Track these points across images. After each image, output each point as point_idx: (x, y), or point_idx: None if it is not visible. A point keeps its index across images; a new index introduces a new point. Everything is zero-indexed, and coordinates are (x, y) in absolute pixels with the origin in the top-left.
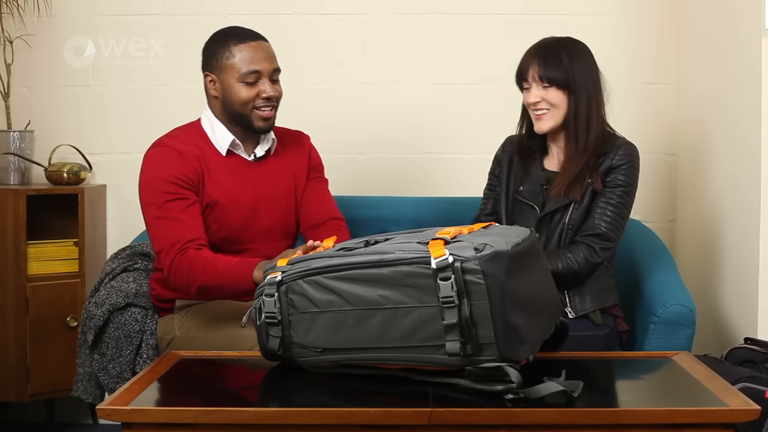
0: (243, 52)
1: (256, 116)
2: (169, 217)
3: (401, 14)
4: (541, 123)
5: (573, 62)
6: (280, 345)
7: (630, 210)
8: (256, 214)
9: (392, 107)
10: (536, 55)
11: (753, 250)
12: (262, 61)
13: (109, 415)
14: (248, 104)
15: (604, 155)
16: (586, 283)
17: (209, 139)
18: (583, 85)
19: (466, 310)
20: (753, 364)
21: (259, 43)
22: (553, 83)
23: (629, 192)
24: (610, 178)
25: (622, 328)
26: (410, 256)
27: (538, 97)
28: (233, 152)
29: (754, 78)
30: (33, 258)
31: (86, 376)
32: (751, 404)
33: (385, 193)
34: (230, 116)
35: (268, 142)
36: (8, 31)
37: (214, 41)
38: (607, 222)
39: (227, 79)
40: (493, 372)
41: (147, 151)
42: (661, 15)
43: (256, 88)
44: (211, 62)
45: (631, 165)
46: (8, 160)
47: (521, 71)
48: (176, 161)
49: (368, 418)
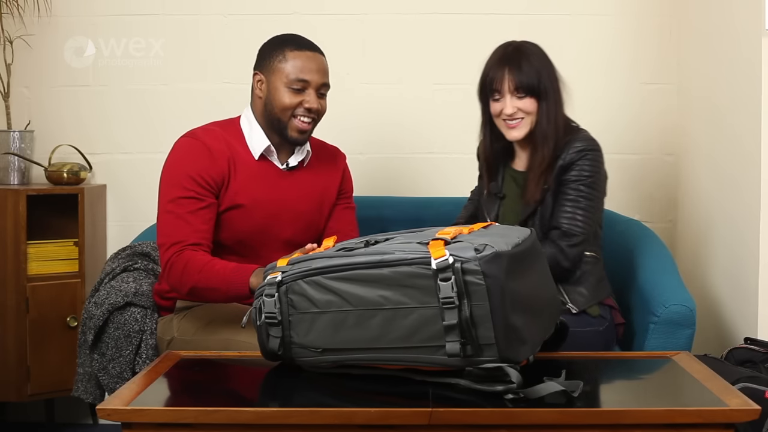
0: (297, 60)
1: (293, 126)
2: (178, 215)
3: (401, 14)
4: (515, 132)
5: (541, 68)
6: (280, 345)
7: (596, 201)
8: (277, 224)
9: (392, 107)
10: (508, 65)
11: (753, 250)
12: (313, 72)
13: (109, 415)
14: (288, 111)
15: (558, 156)
16: (581, 277)
17: (245, 139)
18: (551, 88)
19: (466, 310)
20: (753, 364)
21: (314, 55)
22: (527, 93)
23: (589, 184)
24: (566, 176)
25: (619, 320)
26: (410, 257)
27: (514, 108)
28: (266, 158)
29: (754, 78)
30: (33, 258)
31: (86, 376)
32: (751, 404)
33: (385, 193)
34: (269, 120)
35: (303, 154)
36: (8, 31)
37: (272, 43)
38: (567, 218)
39: (274, 82)
40: (493, 372)
41: (179, 138)
42: (661, 15)
43: (301, 96)
44: (263, 62)
45: (586, 158)
46: (8, 160)
47: (491, 82)
48: (203, 158)
49: (368, 418)
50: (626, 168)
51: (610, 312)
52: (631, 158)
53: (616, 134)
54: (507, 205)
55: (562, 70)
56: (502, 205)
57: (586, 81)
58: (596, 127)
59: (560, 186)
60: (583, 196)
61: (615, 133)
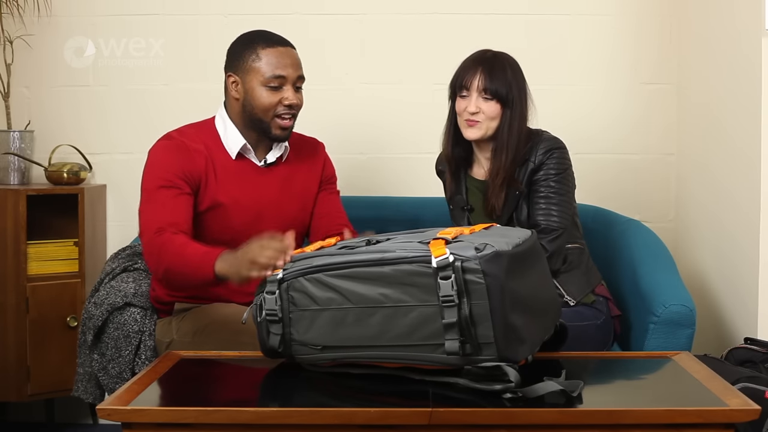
0: (270, 56)
1: (276, 124)
2: (157, 202)
3: (401, 14)
4: (472, 131)
5: (514, 79)
6: (281, 342)
7: (567, 194)
8: (260, 221)
9: (392, 107)
10: (482, 66)
11: (753, 249)
12: (288, 67)
13: (109, 415)
14: (270, 111)
15: (525, 161)
16: (570, 269)
17: (220, 139)
18: (519, 101)
19: (465, 309)
20: (753, 364)
21: (286, 49)
22: (494, 97)
23: (558, 179)
24: (537, 176)
25: (615, 312)
26: (411, 255)
27: (477, 108)
28: (243, 156)
29: (754, 78)
30: (33, 258)
31: (86, 376)
32: (751, 404)
33: (385, 193)
34: (248, 120)
35: (281, 149)
36: (8, 31)
37: (241, 42)
38: (543, 215)
39: (250, 82)
40: (492, 371)
41: (155, 143)
42: (661, 15)
43: (279, 94)
44: (235, 63)
45: (552, 156)
46: (8, 160)
47: (462, 79)
48: (180, 155)
49: (368, 418)
50: (626, 168)
51: (606, 304)
52: (631, 158)
53: (616, 134)
54: (475, 217)
55: (562, 70)
56: (471, 218)
57: (586, 81)
58: (596, 126)
59: (532, 186)
60: (554, 191)
61: (615, 134)
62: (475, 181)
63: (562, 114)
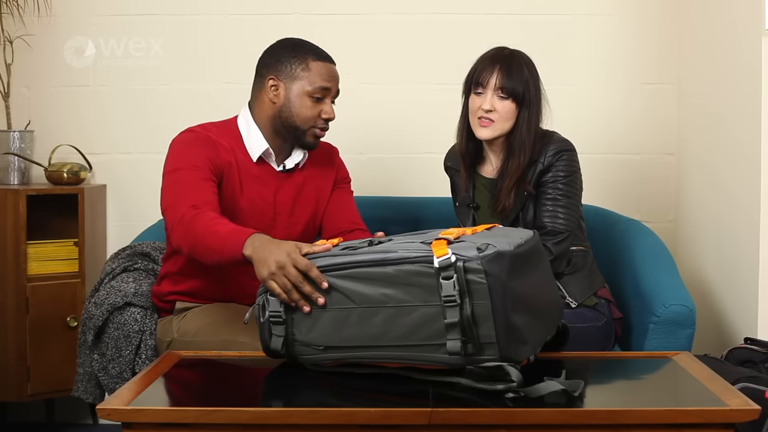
0: (320, 69)
1: (312, 133)
2: (184, 182)
3: (401, 14)
4: (485, 130)
5: (530, 79)
6: (283, 343)
7: (575, 197)
8: (274, 226)
9: (392, 107)
10: (500, 64)
11: (753, 250)
12: (333, 82)
13: (109, 415)
14: (308, 121)
15: (534, 162)
16: (574, 271)
17: (242, 141)
18: (535, 101)
19: (467, 309)
20: (753, 364)
21: (333, 66)
22: (510, 95)
23: (567, 182)
24: (546, 177)
25: (617, 315)
26: (413, 255)
27: (492, 106)
28: (263, 160)
29: (754, 78)
30: (33, 258)
31: (86, 376)
32: (751, 404)
33: (384, 193)
34: (279, 126)
35: (300, 155)
36: (8, 31)
37: (289, 48)
38: (549, 217)
39: (295, 90)
40: (493, 371)
41: (176, 136)
42: (661, 15)
43: (320, 106)
44: (281, 67)
45: (561, 159)
46: (8, 160)
47: (478, 76)
48: (206, 146)
49: (368, 418)
50: (626, 168)
51: (607, 306)
52: (631, 158)
53: (616, 134)
54: (481, 215)
55: (562, 69)
56: (477, 215)
57: (586, 81)
58: (596, 126)
59: (539, 188)
60: (562, 194)
61: (615, 133)
62: (482, 178)
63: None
